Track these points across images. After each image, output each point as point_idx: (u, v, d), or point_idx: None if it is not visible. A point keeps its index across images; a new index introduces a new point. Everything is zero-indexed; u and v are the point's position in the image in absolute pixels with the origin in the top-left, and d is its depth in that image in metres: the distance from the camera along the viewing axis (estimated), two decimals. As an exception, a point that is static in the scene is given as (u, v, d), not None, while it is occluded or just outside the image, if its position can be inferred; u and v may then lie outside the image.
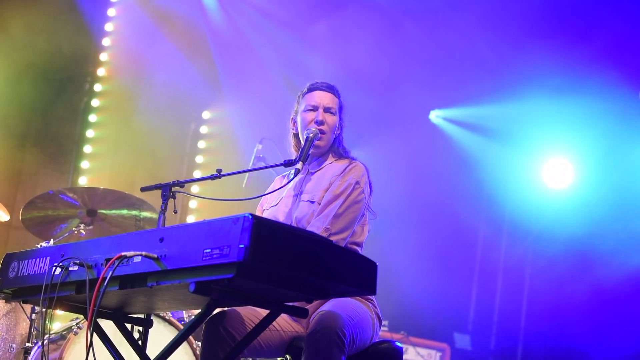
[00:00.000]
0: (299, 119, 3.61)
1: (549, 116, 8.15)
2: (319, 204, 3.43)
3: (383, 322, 4.14)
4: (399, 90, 8.22)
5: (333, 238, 3.32)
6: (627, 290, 7.78)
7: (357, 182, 3.45)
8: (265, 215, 3.62)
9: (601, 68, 7.51)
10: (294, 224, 3.45)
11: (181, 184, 3.50)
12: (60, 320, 6.30)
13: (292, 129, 3.69)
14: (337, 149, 3.63)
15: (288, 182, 3.57)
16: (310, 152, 3.53)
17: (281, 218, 3.51)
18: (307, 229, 3.35)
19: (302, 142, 3.53)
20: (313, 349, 3.02)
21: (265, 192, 3.61)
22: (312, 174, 3.59)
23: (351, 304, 3.28)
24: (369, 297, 3.41)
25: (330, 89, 3.63)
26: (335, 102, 3.61)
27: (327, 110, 3.57)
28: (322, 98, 3.59)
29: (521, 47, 7.99)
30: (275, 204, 3.60)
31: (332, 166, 3.57)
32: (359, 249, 3.50)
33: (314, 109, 3.57)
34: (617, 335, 7.72)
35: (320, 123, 3.54)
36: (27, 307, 4.51)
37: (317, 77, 3.76)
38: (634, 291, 7.76)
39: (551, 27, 7.78)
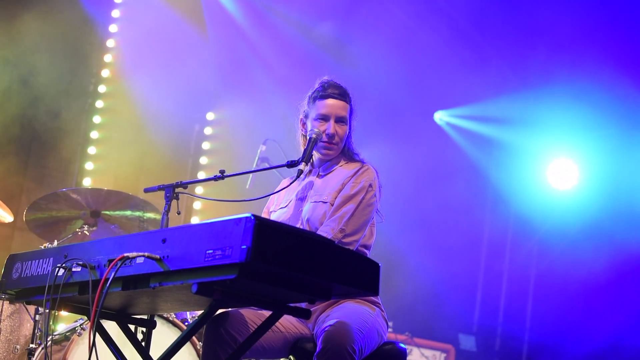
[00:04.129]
0: (309, 124, 3.57)
1: (554, 117, 8.15)
2: (332, 205, 3.42)
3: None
4: (404, 92, 8.21)
5: (347, 239, 3.32)
6: (632, 292, 7.76)
7: (370, 185, 3.44)
8: (273, 217, 3.61)
9: (606, 69, 7.50)
10: (304, 225, 3.44)
11: (184, 185, 3.51)
12: (65, 321, 6.31)
13: (302, 131, 3.64)
14: (347, 151, 3.61)
15: (291, 182, 3.56)
16: (313, 153, 3.53)
17: (291, 220, 3.50)
18: (321, 229, 3.35)
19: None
20: None
21: (269, 193, 3.60)
22: (322, 176, 3.57)
23: (359, 312, 3.26)
24: (376, 300, 3.41)
25: (343, 95, 3.55)
26: (347, 109, 3.55)
27: (338, 120, 3.51)
28: (334, 107, 3.52)
29: (527, 48, 7.98)
30: (285, 206, 3.59)
31: (342, 169, 3.55)
32: (367, 251, 3.50)
33: (325, 119, 3.51)
34: (622, 337, 7.70)
35: (331, 136, 3.51)
36: (31, 308, 4.51)
37: (322, 78, 3.72)
38: (637, 291, 7.75)
39: (557, 29, 7.77)
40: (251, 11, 8.02)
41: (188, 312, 4.75)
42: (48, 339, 3.14)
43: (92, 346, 2.54)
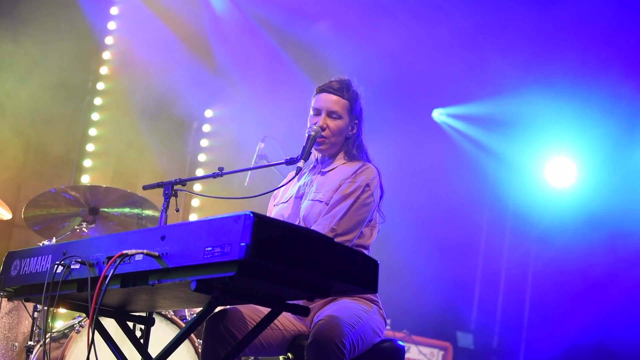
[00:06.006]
0: (308, 121, 3.60)
1: (552, 115, 8.15)
2: (327, 204, 3.42)
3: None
4: (402, 89, 8.21)
5: (339, 239, 3.31)
6: (627, 289, 7.78)
7: (367, 185, 3.43)
8: (275, 210, 3.62)
9: (604, 67, 7.50)
10: (301, 223, 3.44)
11: (183, 182, 3.51)
12: (63, 318, 6.31)
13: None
14: (350, 149, 3.59)
15: (290, 180, 3.57)
16: (312, 150, 3.54)
17: (290, 216, 3.51)
18: (313, 227, 3.34)
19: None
20: None
21: (268, 190, 3.60)
22: (324, 173, 3.57)
23: (353, 308, 3.26)
24: (374, 298, 3.41)
25: (338, 90, 3.56)
26: (341, 104, 3.54)
27: (330, 114, 3.52)
28: (326, 102, 3.53)
29: (525, 46, 7.99)
30: (285, 201, 3.59)
31: (344, 167, 3.55)
32: (365, 251, 3.48)
33: (318, 113, 3.54)
34: (618, 335, 7.71)
35: (321, 129, 3.51)
36: (30, 306, 4.51)
37: (320, 76, 3.73)
38: (635, 290, 7.76)
39: (555, 27, 7.77)
40: (249, 8, 8.02)
41: (187, 310, 4.76)
42: (46, 336, 3.13)
43: (91, 343, 2.54)
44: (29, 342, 4.41)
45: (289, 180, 3.63)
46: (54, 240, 4.73)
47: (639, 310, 7.75)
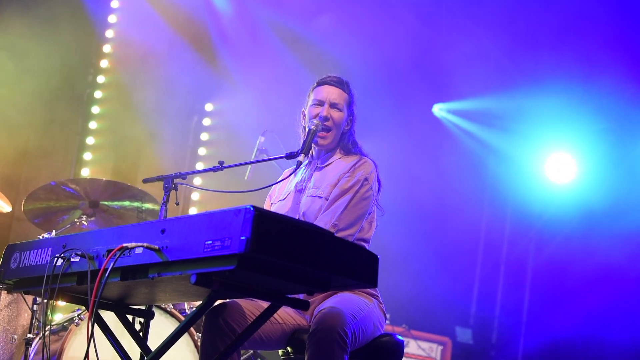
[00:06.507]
0: (306, 112, 3.62)
1: (552, 111, 8.15)
2: (327, 200, 3.43)
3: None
4: (403, 84, 8.20)
5: (340, 234, 3.32)
6: (627, 284, 7.78)
7: (366, 179, 3.45)
8: (273, 209, 3.63)
9: (605, 63, 7.49)
10: (301, 219, 3.44)
11: (183, 175, 3.52)
12: (62, 311, 6.31)
13: (302, 122, 3.68)
14: (346, 144, 3.62)
15: (290, 175, 3.58)
16: (312, 145, 3.54)
17: (289, 213, 3.51)
18: (315, 224, 3.34)
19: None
20: (315, 348, 3.03)
21: (268, 184, 3.61)
22: (321, 169, 3.58)
23: (354, 300, 3.28)
24: (374, 293, 3.42)
25: (340, 83, 3.61)
26: (344, 97, 3.59)
27: (333, 105, 3.56)
28: (330, 93, 3.57)
29: (526, 42, 7.97)
30: (283, 198, 3.61)
31: (340, 162, 3.57)
32: (365, 244, 3.50)
33: (320, 103, 3.57)
34: (617, 331, 7.72)
35: (324, 119, 3.53)
36: (29, 298, 4.51)
37: (320, 70, 3.74)
38: (633, 286, 7.77)
39: (556, 23, 7.76)
40: (250, 2, 8.00)
41: (186, 303, 4.76)
42: (46, 329, 3.13)
43: (90, 336, 2.54)
44: (28, 335, 4.41)
45: (286, 177, 3.63)
46: (53, 233, 4.73)
47: (639, 304, 7.76)
